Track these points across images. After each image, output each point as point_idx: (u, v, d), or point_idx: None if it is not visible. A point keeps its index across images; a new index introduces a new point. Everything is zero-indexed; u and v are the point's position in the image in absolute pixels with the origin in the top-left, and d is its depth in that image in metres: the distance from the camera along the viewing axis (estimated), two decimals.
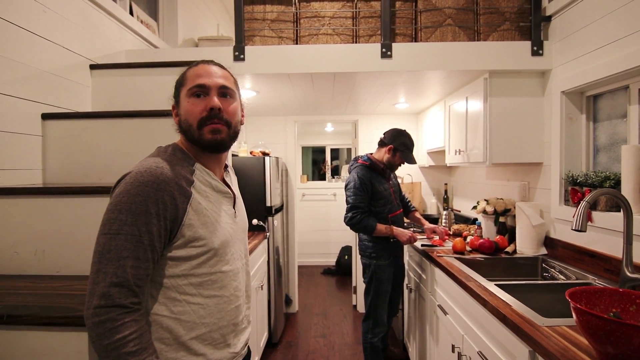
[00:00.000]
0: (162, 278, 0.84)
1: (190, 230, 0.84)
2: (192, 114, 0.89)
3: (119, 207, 0.78)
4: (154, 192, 0.79)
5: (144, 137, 1.56)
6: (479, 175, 2.89)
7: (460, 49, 2.01)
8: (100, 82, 1.83)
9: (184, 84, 0.91)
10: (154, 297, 0.83)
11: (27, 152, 1.49)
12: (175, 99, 0.93)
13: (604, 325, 0.84)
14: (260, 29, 2.10)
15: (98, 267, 0.76)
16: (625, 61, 1.49)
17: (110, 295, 0.74)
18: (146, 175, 0.80)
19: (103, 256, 0.76)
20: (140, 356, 0.74)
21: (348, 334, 3.18)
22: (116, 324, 0.73)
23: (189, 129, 0.89)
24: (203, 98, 0.89)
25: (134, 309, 0.76)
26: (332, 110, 3.48)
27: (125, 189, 0.79)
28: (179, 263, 0.84)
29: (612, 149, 1.73)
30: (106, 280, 0.74)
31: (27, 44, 1.45)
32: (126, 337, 0.73)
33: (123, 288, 0.75)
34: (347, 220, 2.24)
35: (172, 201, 0.81)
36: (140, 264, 0.77)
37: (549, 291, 1.53)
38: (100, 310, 0.73)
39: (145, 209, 0.78)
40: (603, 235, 1.61)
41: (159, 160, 0.84)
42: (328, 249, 5.35)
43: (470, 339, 1.51)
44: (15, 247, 1.30)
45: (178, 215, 0.82)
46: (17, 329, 0.93)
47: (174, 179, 0.82)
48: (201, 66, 0.92)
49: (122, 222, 0.77)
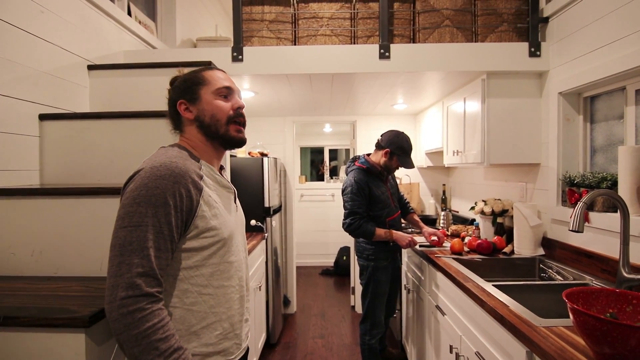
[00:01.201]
0: (177, 270, 0.86)
1: (203, 222, 0.87)
2: (222, 110, 0.96)
3: (137, 200, 0.80)
4: (172, 185, 0.82)
5: (143, 138, 1.56)
6: (477, 176, 2.89)
7: (458, 50, 2.02)
8: (98, 82, 1.83)
9: (205, 83, 0.97)
10: (167, 290, 0.86)
11: (24, 153, 1.49)
12: (190, 96, 0.96)
13: (601, 325, 0.85)
14: (258, 30, 2.10)
15: (120, 260, 0.77)
16: (622, 62, 1.49)
17: (138, 285, 0.76)
18: (162, 169, 0.83)
19: (125, 248, 0.77)
20: (169, 342, 0.77)
21: (346, 335, 3.18)
22: (145, 313, 0.75)
23: (215, 124, 0.95)
24: (227, 99, 0.98)
25: (159, 298, 0.79)
26: (331, 111, 3.48)
27: (142, 183, 0.81)
28: (192, 254, 0.87)
29: (609, 149, 1.74)
30: (132, 271, 0.76)
31: (24, 45, 1.45)
32: (155, 325, 0.76)
33: (149, 277, 0.77)
34: (345, 226, 2.20)
35: (188, 193, 0.84)
36: (161, 254, 0.80)
37: (546, 292, 1.54)
38: (128, 300, 0.75)
39: (165, 200, 0.80)
40: (600, 236, 1.62)
41: (172, 156, 0.87)
42: (326, 250, 5.35)
43: (468, 340, 1.51)
44: (13, 248, 1.29)
45: (193, 207, 0.85)
46: (15, 330, 0.92)
47: (187, 172, 0.85)
48: (218, 71, 1.01)
49: (143, 214, 0.79)
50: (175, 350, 0.78)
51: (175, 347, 0.78)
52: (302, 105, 3.13)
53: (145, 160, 0.89)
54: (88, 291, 1.12)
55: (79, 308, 0.96)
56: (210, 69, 1.00)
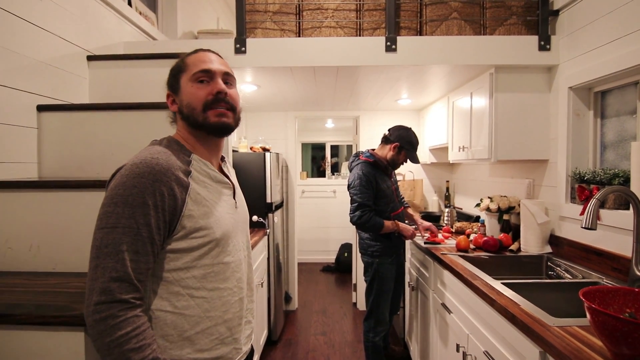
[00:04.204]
0: (163, 272, 0.81)
1: (191, 221, 0.82)
2: (196, 97, 0.87)
3: (114, 200, 0.76)
4: (151, 184, 0.76)
5: (143, 130, 1.52)
6: (482, 173, 2.86)
7: (467, 43, 1.97)
8: (97, 73, 1.78)
9: (185, 70, 0.89)
10: (156, 292, 0.81)
11: (21, 145, 1.45)
12: (173, 86, 0.91)
13: (622, 326, 0.82)
14: (262, 21, 2.05)
15: (96, 263, 0.73)
16: (635, 56, 1.45)
17: (111, 291, 0.71)
18: (142, 167, 0.77)
19: (101, 251, 0.73)
20: (143, 352, 0.72)
21: (348, 332, 3.15)
22: (117, 320, 0.71)
23: (191, 113, 0.88)
24: (207, 83, 0.88)
25: (135, 304, 0.74)
26: (334, 106, 3.44)
27: (120, 182, 0.77)
28: (180, 255, 0.82)
29: (620, 145, 1.70)
30: (105, 276, 0.72)
31: (22, 33, 1.40)
32: (128, 333, 0.71)
33: (123, 283, 0.73)
34: (355, 219, 2.14)
35: (170, 192, 0.78)
36: (140, 257, 0.75)
37: (556, 290, 1.50)
38: (100, 306, 0.71)
39: (142, 200, 0.75)
40: (611, 234, 1.58)
41: (155, 152, 0.82)
42: (327, 246, 5.32)
43: (475, 339, 1.48)
44: (10, 243, 1.26)
45: (177, 207, 0.80)
46: (11, 328, 0.89)
47: (170, 169, 0.80)
48: (202, 53, 0.91)
49: (119, 215, 0.74)
50: None
51: (150, 358, 0.72)
52: (304, 99, 3.08)
53: (133, 156, 0.83)
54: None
55: (78, 305, 0.93)
56: (196, 52, 0.92)
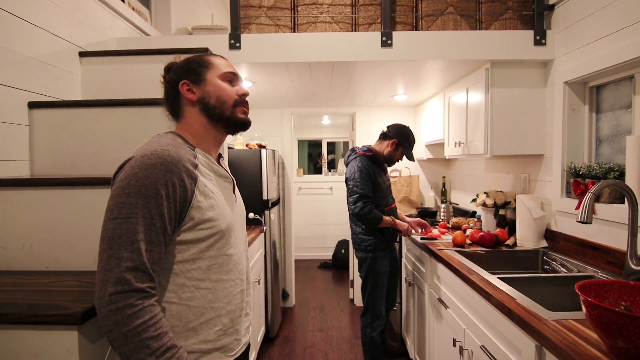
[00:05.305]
0: (171, 264, 0.82)
1: (199, 213, 0.83)
2: (228, 93, 0.94)
3: (127, 190, 0.75)
4: (163, 174, 0.77)
5: (137, 126, 1.50)
6: (478, 168, 2.86)
7: (462, 38, 1.97)
8: (90, 70, 1.76)
9: (210, 67, 0.94)
10: (162, 284, 0.82)
11: (13, 143, 1.43)
12: (192, 77, 0.93)
13: (617, 319, 0.82)
14: (256, 17, 2.03)
15: (109, 254, 0.73)
16: (630, 50, 1.46)
17: (127, 280, 0.72)
18: (153, 158, 0.78)
19: (114, 241, 0.73)
20: (161, 340, 0.73)
21: (346, 328, 3.16)
22: (135, 309, 0.71)
23: (221, 106, 0.93)
24: (232, 84, 0.96)
25: (151, 293, 0.75)
26: (330, 102, 3.43)
27: (132, 172, 0.77)
28: (187, 247, 0.83)
29: (616, 140, 1.70)
30: (121, 266, 0.72)
31: (11, 29, 1.38)
32: (147, 322, 0.72)
33: (139, 272, 0.73)
34: (357, 210, 2.12)
35: (181, 183, 0.80)
36: (153, 247, 0.76)
37: (552, 284, 1.51)
38: (117, 296, 0.71)
39: (156, 191, 0.76)
40: (606, 228, 1.59)
41: (163, 144, 0.82)
42: (324, 243, 5.33)
43: (472, 333, 1.48)
44: (2, 242, 1.24)
45: (187, 198, 0.81)
46: (4, 327, 0.87)
47: (180, 160, 0.81)
48: (222, 58, 0.99)
49: (132, 205, 0.75)
50: (168, 349, 0.73)
51: (168, 346, 0.74)
52: (300, 96, 3.07)
53: (137, 149, 0.83)
54: (81, 286, 1.08)
55: (72, 304, 0.92)
56: (214, 55, 0.99)
